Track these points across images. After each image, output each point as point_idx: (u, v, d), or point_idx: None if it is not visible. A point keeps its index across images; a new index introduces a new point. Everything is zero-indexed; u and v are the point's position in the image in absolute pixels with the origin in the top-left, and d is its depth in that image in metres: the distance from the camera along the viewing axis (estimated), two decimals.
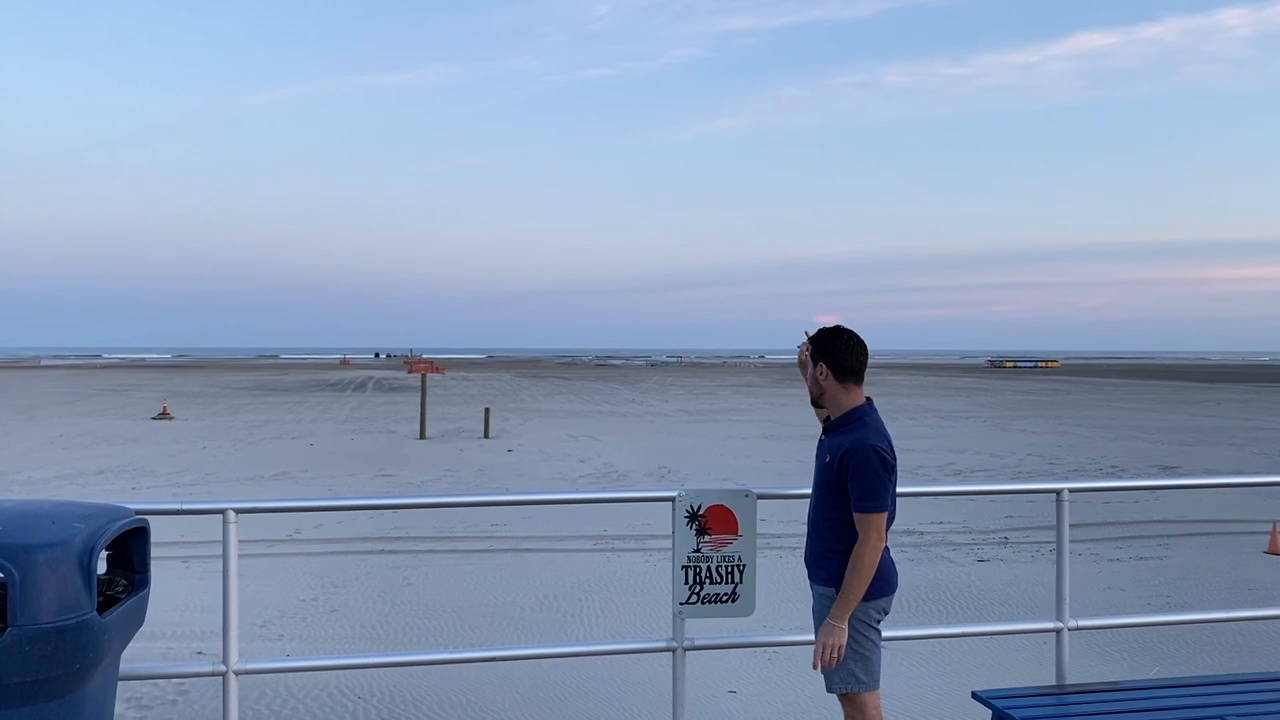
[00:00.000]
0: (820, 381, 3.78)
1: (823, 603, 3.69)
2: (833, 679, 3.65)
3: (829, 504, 3.66)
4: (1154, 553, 11.08)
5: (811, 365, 3.81)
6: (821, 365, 3.78)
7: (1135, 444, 23.85)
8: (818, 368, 3.79)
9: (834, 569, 3.64)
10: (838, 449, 3.63)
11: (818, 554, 3.72)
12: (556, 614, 8.47)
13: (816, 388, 3.80)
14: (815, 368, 3.79)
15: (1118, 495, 14.90)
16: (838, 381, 3.75)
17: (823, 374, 3.77)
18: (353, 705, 6.22)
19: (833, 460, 3.64)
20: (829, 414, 3.81)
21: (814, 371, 3.79)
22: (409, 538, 11.86)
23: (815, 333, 3.84)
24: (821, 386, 3.78)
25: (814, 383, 3.80)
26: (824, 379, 3.76)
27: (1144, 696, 3.85)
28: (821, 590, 3.71)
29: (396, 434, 26.26)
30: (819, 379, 3.78)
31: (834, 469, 3.62)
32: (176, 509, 3.39)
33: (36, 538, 2.60)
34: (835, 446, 3.66)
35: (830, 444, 3.71)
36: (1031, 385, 60.56)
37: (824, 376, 3.77)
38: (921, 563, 10.53)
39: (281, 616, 8.33)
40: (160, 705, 6.21)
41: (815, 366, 3.79)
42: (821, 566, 3.70)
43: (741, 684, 6.60)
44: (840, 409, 3.75)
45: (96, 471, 18.21)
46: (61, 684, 2.62)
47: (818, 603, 3.73)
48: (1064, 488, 4.13)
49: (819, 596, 3.72)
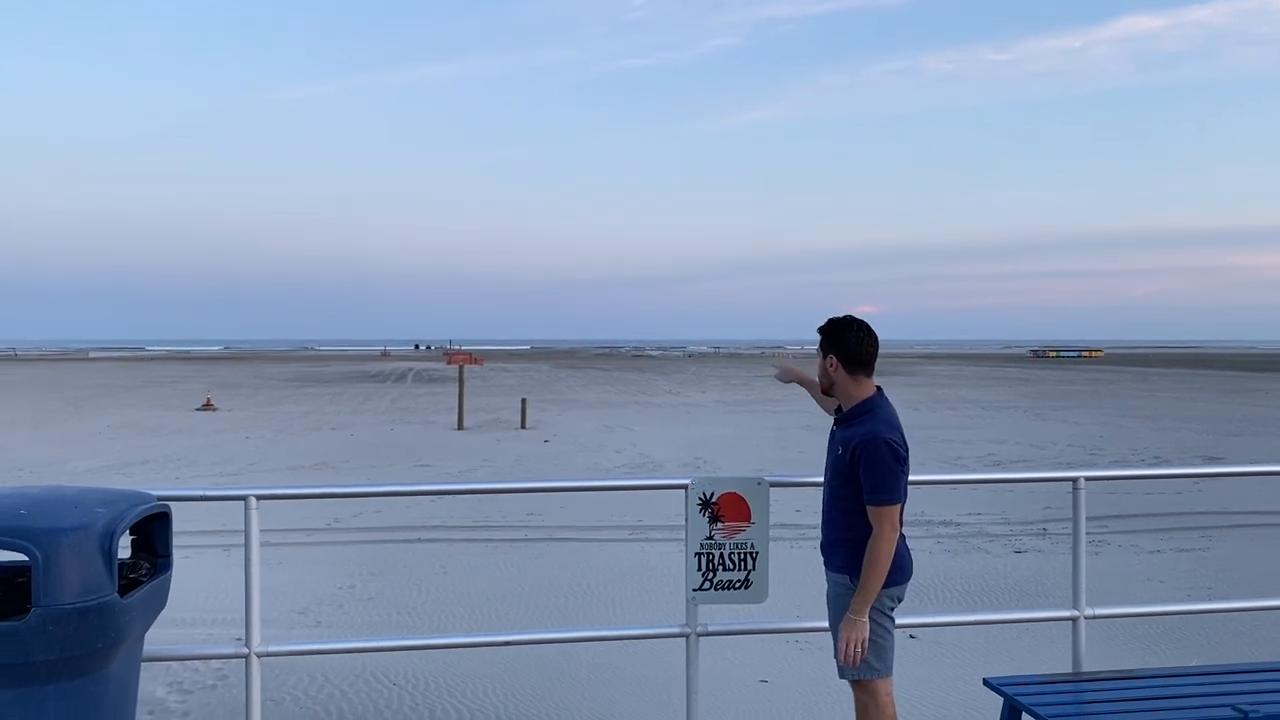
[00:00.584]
0: (830, 373, 3.77)
1: (837, 589, 3.71)
2: (845, 666, 3.66)
3: (842, 494, 3.68)
4: (1196, 544, 10.92)
5: (821, 357, 3.80)
6: (831, 357, 3.76)
7: (1180, 434, 23.48)
8: (827, 359, 3.78)
9: (847, 556, 3.66)
10: (849, 441, 3.64)
11: (832, 542, 3.74)
12: (589, 602, 8.52)
13: (826, 379, 3.79)
14: (825, 359, 3.78)
15: (1160, 486, 14.69)
16: (848, 373, 3.73)
17: (833, 365, 3.76)
18: (386, 690, 6.31)
19: (844, 452, 3.65)
20: (840, 405, 3.81)
21: (824, 363, 3.79)
22: (445, 526, 11.97)
23: (824, 323, 3.82)
24: (831, 378, 3.77)
25: (824, 374, 3.80)
26: (834, 370, 3.75)
27: (1158, 685, 3.82)
28: (835, 577, 3.73)
29: (435, 425, 26.48)
30: (829, 370, 3.77)
31: (846, 461, 3.63)
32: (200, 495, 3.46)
33: (60, 521, 2.69)
34: (847, 438, 3.66)
35: (842, 435, 3.72)
36: (1074, 375, 59.78)
37: (834, 368, 3.75)
38: (958, 554, 10.46)
39: (319, 604, 8.45)
40: (200, 690, 6.33)
41: (825, 358, 3.78)
42: (835, 553, 3.72)
43: (772, 673, 6.61)
44: (851, 400, 3.74)
45: (141, 461, 18.54)
46: (85, 662, 2.71)
47: (832, 589, 3.75)
48: (1080, 476, 4.10)
49: (833, 583, 3.74)
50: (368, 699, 6.18)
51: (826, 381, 3.80)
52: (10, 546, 2.63)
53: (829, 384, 3.79)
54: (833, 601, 3.73)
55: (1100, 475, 4.42)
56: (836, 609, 3.71)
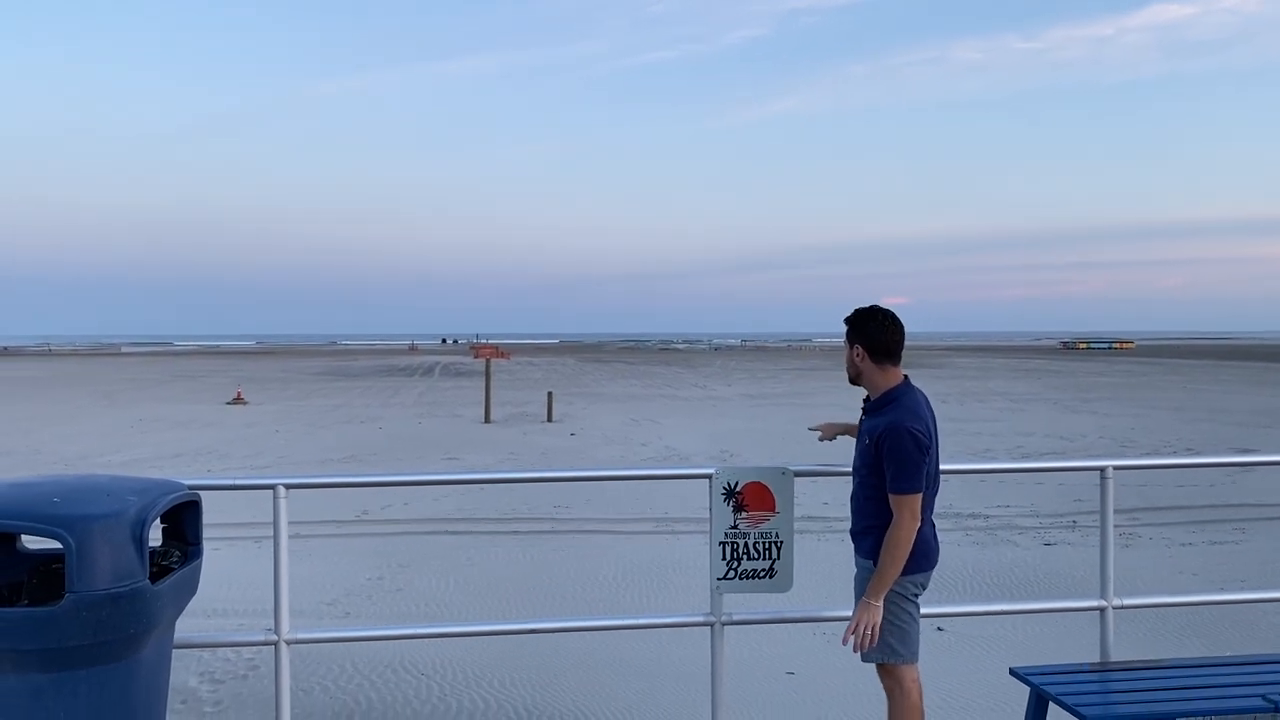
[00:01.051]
0: (856, 362, 3.78)
1: (863, 574, 3.76)
2: (869, 650, 3.69)
3: (870, 483, 3.71)
4: (1229, 537, 10.80)
5: (848, 347, 3.81)
6: (857, 346, 3.78)
7: (1212, 426, 23.21)
8: (854, 349, 3.79)
9: (873, 543, 3.70)
10: (875, 430, 3.67)
11: (860, 529, 3.78)
12: (616, 594, 8.54)
13: (853, 369, 3.81)
14: (851, 349, 3.80)
15: (1192, 479, 14.52)
16: (874, 362, 3.75)
17: (859, 355, 3.77)
18: (414, 681, 6.36)
19: (870, 441, 3.68)
20: (867, 394, 3.84)
21: (850, 353, 3.80)
22: (473, 519, 12.04)
23: (850, 314, 3.84)
24: (858, 367, 3.78)
25: (850, 364, 3.82)
26: (860, 360, 3.77)
27: (1186, 675, 3.79)
28: (862, 562, 3.78)
29: (462, 418, 26.61)
30: (855, 360, 3.79)
31: (872, 450, 3.66)
32: (229, 484, 3.51)
33: (92, 509, 2.76)
34: (872, 428, 3.69)
35: (868, 425, 3.74)
36: (1104, 367, 59.19)
37: (860, 358, 3.77)
38: (987, 546, 10.40)
39: (348, 595, 8.52)
40: (232, 680, 6.41)
41: (851, 348, 3.80)
42: (863, 540, 3.76)
43: (799, 666, 6.61)
44: (877, 390, 3.77)
45: (174, 455, 18.76)
46: (118, 648, 2.77)
47: (859, 574, 3.80)
48: (1108, 465, 4.07)
49: (860, 568, 3.79)
50: (396, 689, 6.23)
51: (854, 371, 3.82)
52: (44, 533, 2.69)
53: (856, 374, 3.81)
54: (858, 585, 3.79)
55: (1129, 464, 4.39)
56: (862, 593, 3.74)
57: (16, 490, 2.84)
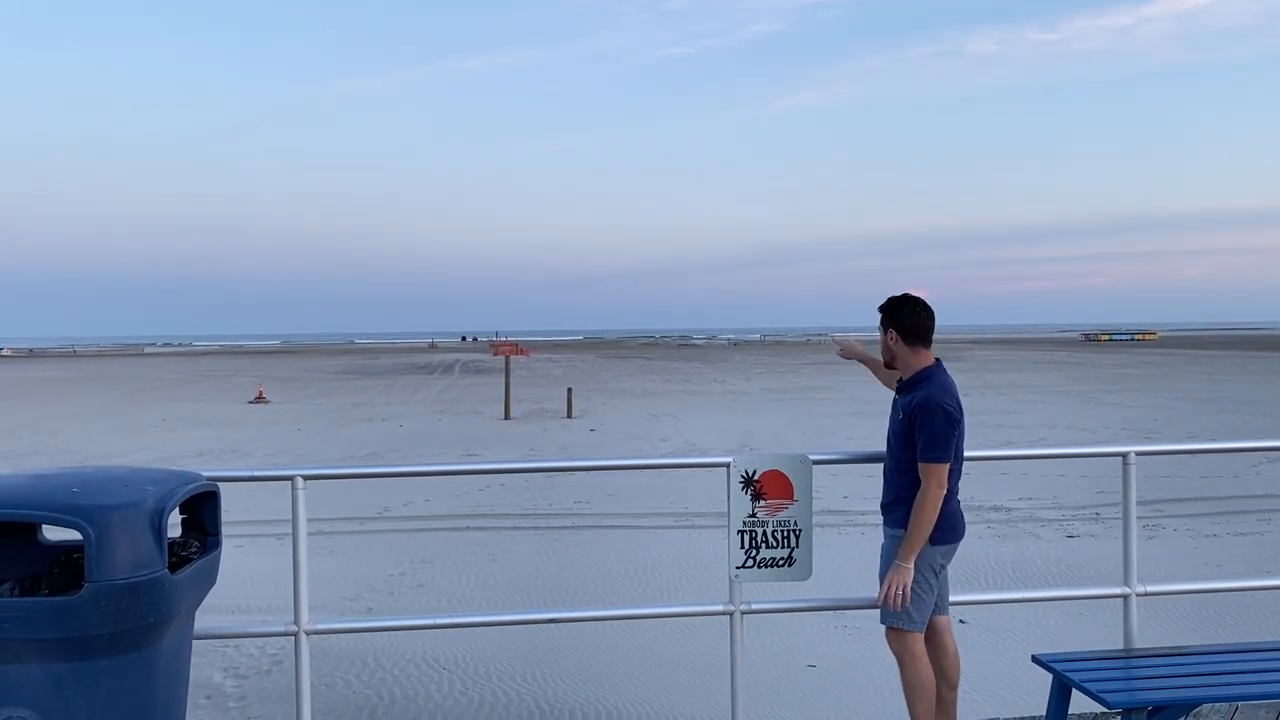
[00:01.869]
0: (891, 346, 4.01)
1: (892, 541, 3.91)
2: (887, 610, 3.85)
3: (901, 456, 3.90)
4: (1254, 528, 10.70)
5: (883, 332, 4.04)
6: (891, 331, 4.00)
7: (1236, 417, 22.99)
8: (888, 334, 4.01)
9: (904, 513, 3.86)
10: (909, 405, 3.87)
11: (891, 500, 3.96)
12: (637, 588, 8.55)
13: (888, 352, 4.04)
14: (886, 334, 4.02)
15: (1216, 470, 14.40)
16: (907, 345, 3.97)
17: (893, 339, 3.99)
18: (436, 674, 6.38)
19: (904, 416, 3.89)
20: (901, 375, 4.04)
21: (885, 338, 4.03)
22: (494, 515, 12.08)
23: (884, 301, 4.07)
24: (893, 351, 4.01)
25: (885, 348, 4.04)
26: (894, 344, 3.99)
27: (1210, 661, 3.76)
28: (891, 532, 3.94)
29: (482, 415, 26.69)
30: (889, 344, 4.02)
31: (905, 424, 3.87)
32: (248, 475, 3.53)
33: (111, 499, 2.79)
34: (907, 403, 3.90)
35: (902, 402, 3.95)
36: (1126, 358, 58.74)
37: (894, 341, 3.99)
38: (1009, 539, 10.35)
39: (371, 590, 8.56)
40: (256, 675, 6.46)
41: (886, 333, 4.02)
42: (893, 511, 3.93)
43: (820, 658, 6.59)
44: (911, 370, 3.98)
45: (197, 454, 18.90)
46: (137, 637, 2.80)
47: (888, 541, 3.96)
48: (1130, 451, 4.07)
49: (889, 537, 3.95)
50: (418, 683, 6.26)
51: (888, 355, 4.05)
52: (64, 523, 2.71)
53: (891, 357, 4.04)
54: (886, 552, 3.95)
55: (1151, 450, 4.36)
56: (887, 559, 3.91)
57: (36, 481, 2.88)
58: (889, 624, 3.88)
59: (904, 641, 3.86)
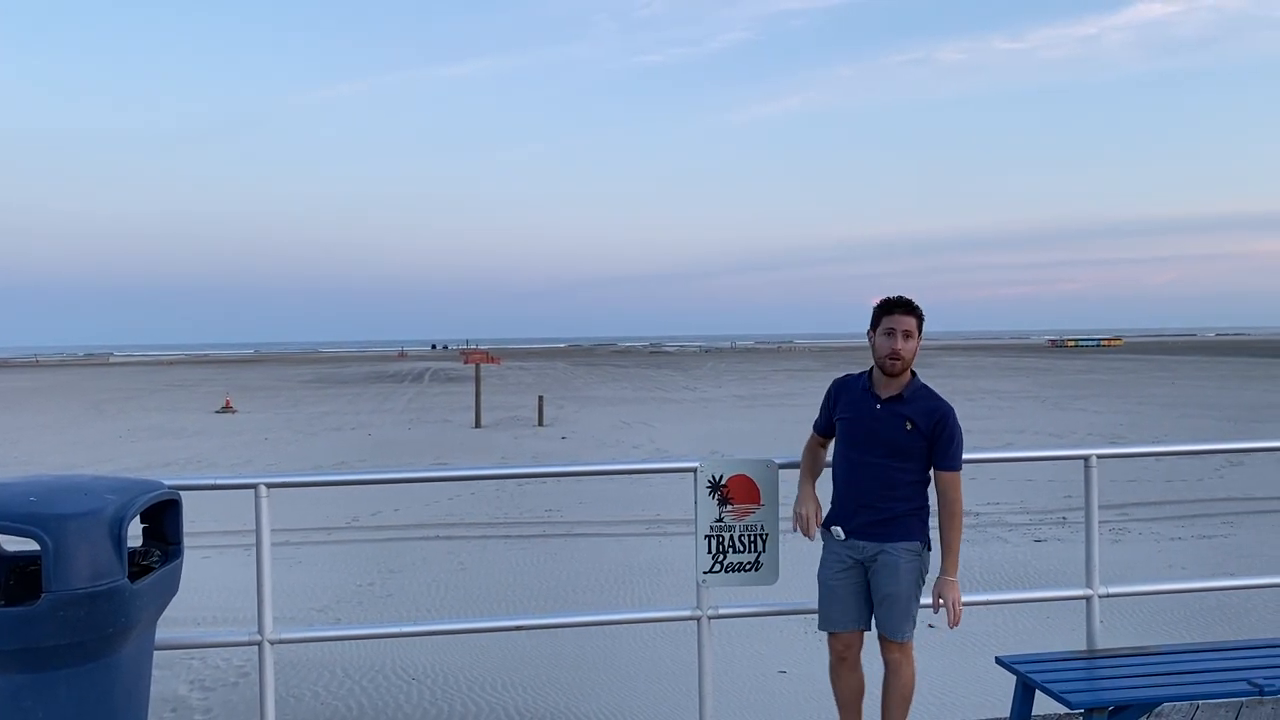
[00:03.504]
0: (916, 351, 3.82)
1: (908, 557, 3.77)
2: (904, 626, 3.76)
3: (909, 468, 3.75)
4: (1218, 531, 10.84)
5: (917, 339, 3.81)
6: (920, 338, 3.83)
7: (1202, 422, 23.30)
8: (919, 339, 3.83)
9: (916, 525, 3.79)
10: (927, 414, 3.74)
11: (898, 514, 3.77)
12: (607, 596, 8.54)
13: (913, 358, 3.81)
14: (918, 340, 3.82)
15: (1181, 474, 14.59)
16: None
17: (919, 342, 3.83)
18: (405, 685, 6.34)
19: (914, 427, 3.73)
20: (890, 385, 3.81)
21: (917, 345, 3.81)
22: (464, 524, 12.02)
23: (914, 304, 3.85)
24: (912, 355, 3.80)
25: (913, 355, 3.80)
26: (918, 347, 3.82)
27: (1172, 660, 3.81)
28: (906, 546, 3.77)
29: (452, 423, 26.56)
30: (916, 351, 3.82)
31: (921, 434, 3.73)
32: (210, 484, 3.49)
33: (69, 508, 2.75)
34: (915, 413, 3.75)
35: (908, 411, 3.76)
36: (1094, 364, 59.37)
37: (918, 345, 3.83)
38: (977, 543, 10.42)
39: (338, 601, 8.50)
40: (222, 687, 6.39)
41: (918, 339, 3.83)
42: (904, 523, 3.78)
43: (791, 664, 6.61)
44: (909, 379, 3.82)
45: (163, 464, 18.68)
46: (97, 647, 2.76)
47: (901, 559, 3.76)
48: (1092, 454, 4.10)
49: (900, 553, 3.76)
50: (387, 694, 6.22)
51: (912, 361, 3.81)
52: (21, 532, 2.68)
53: (908, 364, 3.80)
54: (902, 570, 3.76)
55: (1112, 453, 4.41)
56: (909, 576, 3.77)
57: None
58: (906, 638, 3.78)
59: (908, 649, 3.82)
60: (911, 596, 3.79)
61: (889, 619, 3.77)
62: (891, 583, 3.76)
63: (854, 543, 3.83)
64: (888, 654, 3.83)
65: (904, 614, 3.77)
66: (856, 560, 3.84)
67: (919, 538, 3.80)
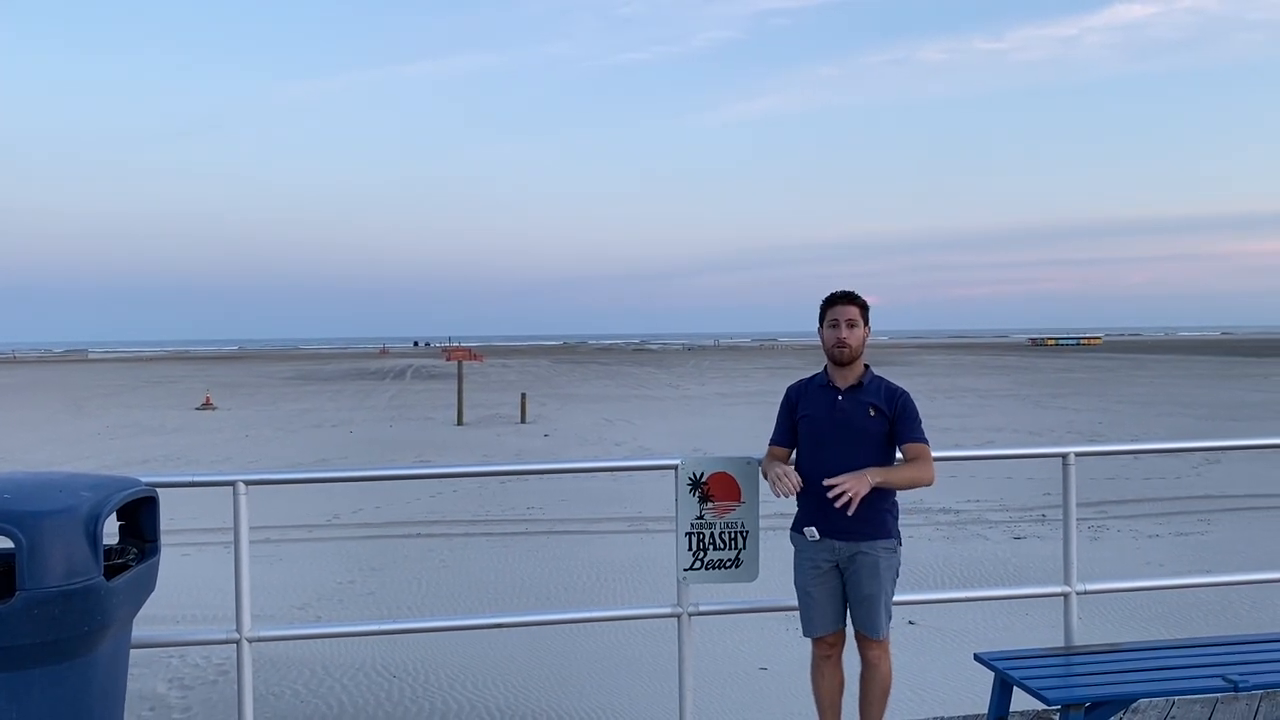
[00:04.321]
0: (864, 340, 3.89)
1: (888, 558, 3.75)
2: (881, 624, 3.74)
3: (880, 453, 3.75)
4: (1194, 528, 10.93)
5: (863, 326, 3.89)
6: (868, 328, 3.92)
7: (1180, 420, 23.50)
8: (866, 329, 3.93)
9: (890, 522, 3.77)
10: (887, 398, 3.79)
11: (872, 512, 3.70)
12: (589, 594, 8.54)
13: (862, 348, 3.87)
14: (866, 329, 3.92)
15: (1159, 471, 14.71)
16: None
17: (867, 333, 3.92)
18: (386, 683, 6.33)
19: (879, 413, 3.76)
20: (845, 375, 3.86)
21: (865, 332, 3.91)
22: (445, 521, 11.99)
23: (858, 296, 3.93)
24: (861, 345, 3.86)
25: (861, 344, 3.87)
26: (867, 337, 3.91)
27: (1148, 657, 3.84)
28: (884, 544, 3.74)
29: (434, 420, 26.49)
30: (865, 338, 3.90)
31: (884, 417, 3.76)
32: (188, 481, 3.47)
33: (44, 505, 2.73)
34: (879, 398, 3.79)
35: (869, 397, 3.80)
36: (1073, 362, 59.76)
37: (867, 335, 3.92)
38: (957, 540, 10.47)
39: (319, 599, 8.46)
40: (201, 685, 6.36)
41: (866, 328, 3.92)
42: (875, 523, 3.73)
43: (772, 661, 6.63)
44: (861, 368, 3.87)
45: (142, 461, 18.56)
46: (72, 646, 2.74)
47: (879, 556, 3.72)
48: (1070, 451, 4.12)
49: (877, 549, 3.73)
50: (368, 691, 6.21)
51: (861, 349, 3.87)
52: None
53: (858, 354, 3.85)
54: (881, 569, 3.73)
55: (1090, 451, 4.44)
56: (888, 574, 3.74)
57: None
58: (883, 635, 3.76)
59: (886, 646, 3.80)
60: (889, 594, 3.79)
61: (869, 618, 3.76)
62: (872, 582, 3.74)
63: (829, 543, 3.79)
64: (867, 651, 3.83)
65: (883, 611, 3.77)
66: (832, 563, 3.81)
67: (894, 534, 3.80)
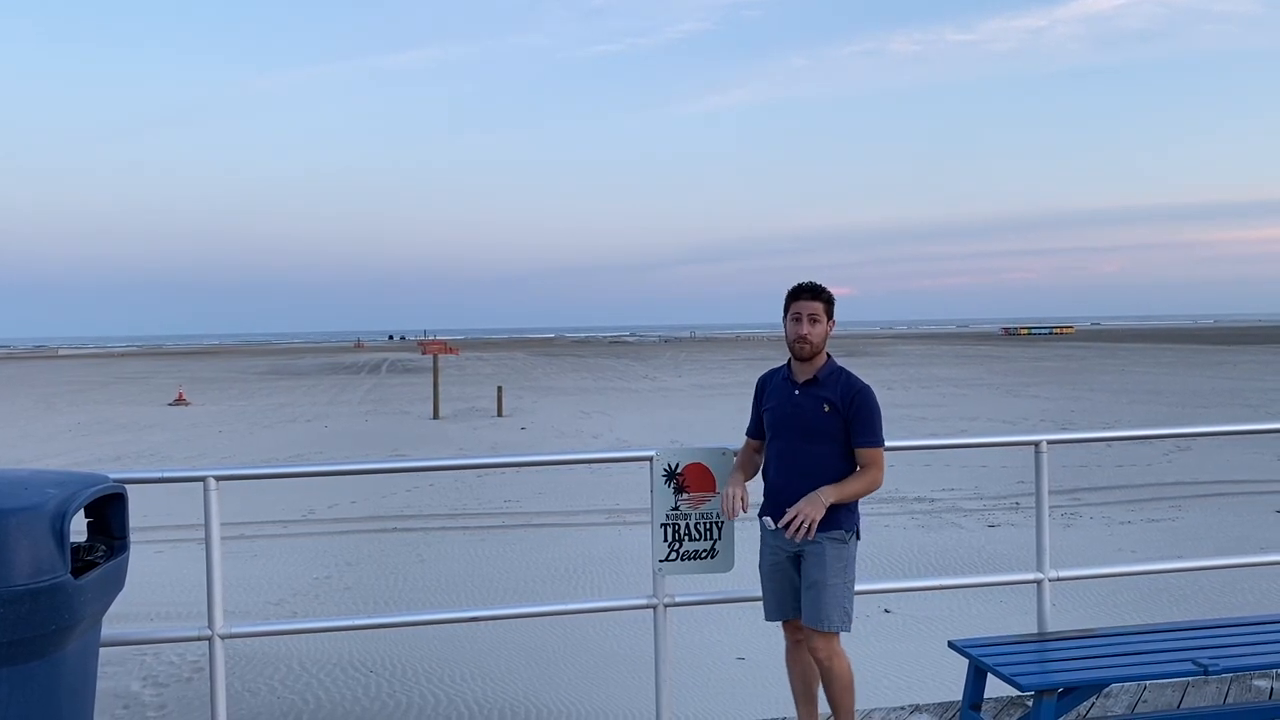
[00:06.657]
0: (826, 335, 3.81)
1: (835, 548, 3.66)
2: (833, 616, 3.64)
3: (834, 451, 3.69)
4: (1165, 514, 11.06)
5: (826, 321, 3.82)
6: (831, 321, 3.84)
7: (1150, 408, 23.75)
8: (830, 323, 3.84)
9: (842, 513, 3.68)
10: (843, 395, 3.71)
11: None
12: (566, 586, 8.54)
13: (823, 342, 3.81)
14: (829, 324, 3.84)
15: (1130, 459, 14.86)
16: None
17: (830, 327, 3.84)
18: (363, 678, 6.30)
19: (834, 407, 3.70)
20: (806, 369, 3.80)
21: (827, 328, 3.83)
22: (422, 515, 11.95)
23: (825, 290, 3.87)
24: (823, 339, 3.80)
25: (823, 339, 3.81)
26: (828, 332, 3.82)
27: (1119, 642, 3.88)
28: (832, 535, 3.66)
29: (410, 414, 26.39)
30: (827, 333, 3.82)
31: (839, 414, 3.69)
32: (157, 477, 3.43)
33: (8, 502, 2.69)
34: (835, 394, 3.72)
35: (825, 393, 3.74)
36: (1046, 352, 60.24)
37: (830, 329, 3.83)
38: (931, 529, 10.55)
39: (295, 595, 8.42)
40: (175, 683, 6.31)
41: (829, 323, 3.84)
42: (826, 514, 3.62)
43: (749, 651, 6.66)
44: (823, 361, 3.80)
45: (114, 458, 18.38)
46: (39, 645, 2.70)
47: (826, 547, 3.65)
48: (1042, 439, 4.14)
49: (828, 543, 3.65)
50: (344, 687, 6.18)
51: (822, 344, 3.81)
52: None
53: (819, 348, 3.79)
54: (828, 558, 3.66)
55: (1062, 439, 4.47)
56: (835, 564, 3.66)
57: None
58: (835, 628, 3.65)
59: (837, 646, 3.69)
60: (838, 585, 3.66)
61: (811, 606, 3.66)
62: (816, 569, 3.66)
63: (783, 533, 3.70)
64: (813, 648, 3.71)
65: (830, 602, 3.64)
66: (788, 552, 3.76)
67: (845, 525, 3.69)
